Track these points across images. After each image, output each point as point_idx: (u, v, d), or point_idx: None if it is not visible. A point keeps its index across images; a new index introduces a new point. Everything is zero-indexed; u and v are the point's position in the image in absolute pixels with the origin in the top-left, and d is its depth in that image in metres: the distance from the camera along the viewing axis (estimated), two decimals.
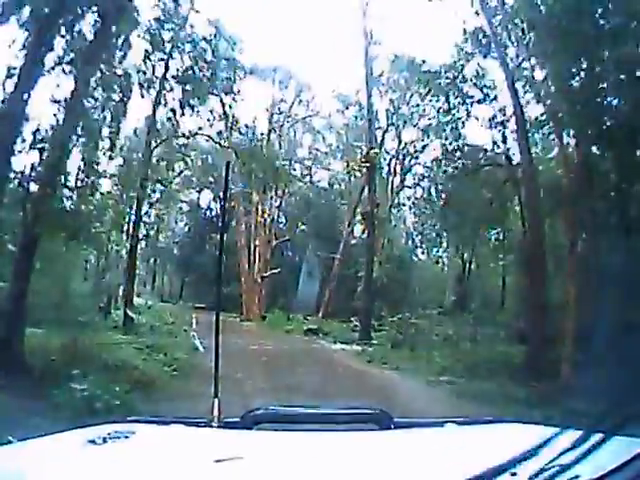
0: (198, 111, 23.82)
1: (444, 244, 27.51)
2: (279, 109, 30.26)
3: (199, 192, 34.93)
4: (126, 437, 1.83)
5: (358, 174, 27.82)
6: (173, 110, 23.39)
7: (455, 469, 1.48)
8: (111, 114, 16.10)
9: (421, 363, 15.54)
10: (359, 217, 26.89)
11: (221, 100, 25.13)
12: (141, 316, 21.73)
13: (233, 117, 26.92)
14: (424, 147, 26.30)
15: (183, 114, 23.69)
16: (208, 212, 34.82)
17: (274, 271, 27.91)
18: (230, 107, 25.77)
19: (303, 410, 2.28)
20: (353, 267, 27.24)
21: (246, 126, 27.30)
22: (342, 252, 27.43)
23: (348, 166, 25.52)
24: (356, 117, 28.26)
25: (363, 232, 28.53)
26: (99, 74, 14.10)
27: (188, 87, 23.05)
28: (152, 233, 35.14)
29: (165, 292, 37.78)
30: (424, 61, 22.88)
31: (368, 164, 22.66)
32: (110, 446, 1.75)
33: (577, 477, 1.33)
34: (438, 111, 22.38)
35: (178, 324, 21.89)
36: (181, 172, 32.42)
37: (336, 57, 37.96)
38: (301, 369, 13.71)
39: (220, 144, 28.74)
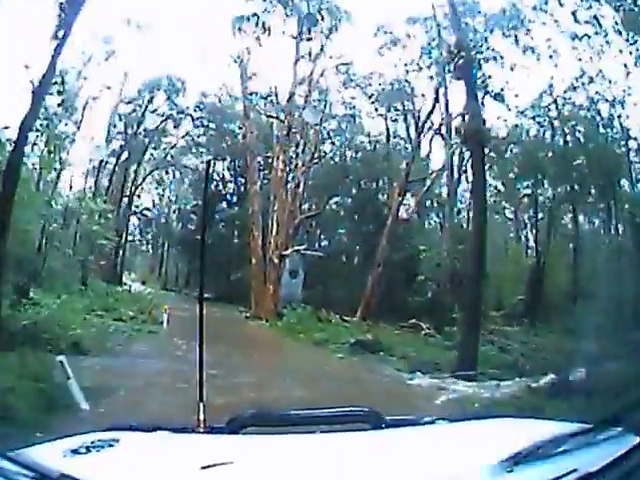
0: None
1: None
2: (309, 54, 23.09)
3: (214, 160, 28.32)
4: (110, 445, 1.74)
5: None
6: None
7: (446, 467, 1.50)
8: None
9: None
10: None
11: None
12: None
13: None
14: None
15: None
16: (220, 184, 28.15)
17: (298, 248, 21.20)
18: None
19: (291, 412, 2.08)
20: (402, 250, 20.56)
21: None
22: (389, 231, 20.56)
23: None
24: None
25: (418, 206, 21.98)
26: None
27: None
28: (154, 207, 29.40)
29: (170, 279, 32.81)
30: None
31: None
32: (94, 455, 1.67)
33: (575, 470, 1.33)
34: None
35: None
36: (187, 134, 26.63)
37: None
38: None
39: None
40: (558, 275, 19.82)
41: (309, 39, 22.53)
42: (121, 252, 27.48)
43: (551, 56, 18.48)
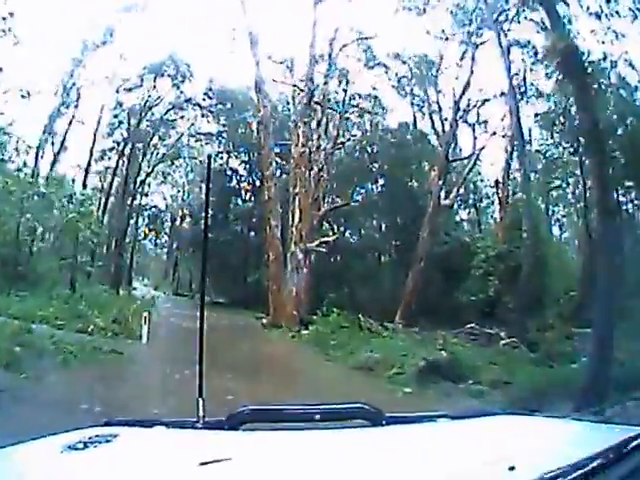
0: None
1: None
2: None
3: (227, 154, 25.70)
4: (108, 441, 1.71)
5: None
6: None
7: (448, 464, 1.49)
8: None
9: None
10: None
11: None
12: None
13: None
14: None
15: None
16: (234, 178, 25.55)
17: (327, 238, 18.45)
18: None
19: (290, 408, 2.06)
20: (446, 241, 17.75)
21: None
22: (430, 220, 17.74)
23: None
24: None
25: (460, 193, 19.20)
26: None
27: None
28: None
29: (183, 283, 30.30)
30: None
31: None
32: (92, 451, 1.65)
33: (577, 467, 1.31)
34: None
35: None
36: (192, 125, 24.06)
37: None
38: None
39: None
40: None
41: None
42: (129, 254, 25.27)
43: None
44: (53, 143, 19.64)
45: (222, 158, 25.36)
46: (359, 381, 10.17)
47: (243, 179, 25.58)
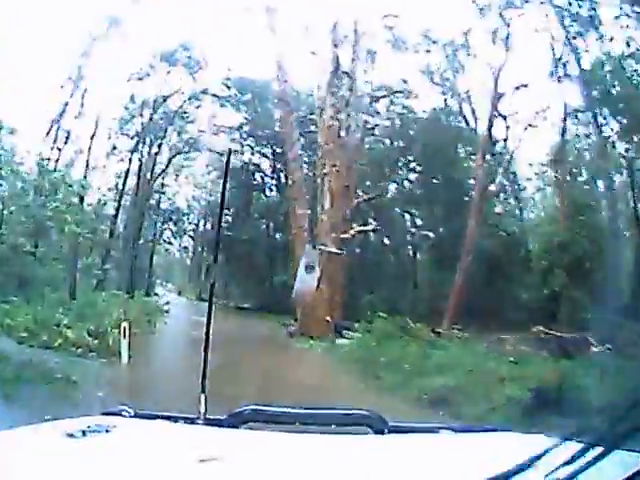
0: None
1: None
2: None
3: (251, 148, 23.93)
4: (107, 431, 1.72)
5: None
6: None
7: (447, 478, 1.49)
8: None
9: None
10: None
11: None
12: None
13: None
14: None
15: None
16: (257, 172, 23.77)
17: (365, 228, 16.39)
18: None
19: (292, 410, 2.05)
20: (496, 233, 15.66)
21: None
22: (477, 209, 15.67)
23: None
24: None
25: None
26: None
27: None
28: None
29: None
30: None
31: None
32: (89, 440, 1.65)
33: None
34: None
35: None
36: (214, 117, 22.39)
37: None
38: None
39: None
40: None
41: None
42: (149, 258, 23.73)
43: None
44: (55, 139, 18.07)
45: (244, 152, 23.70)
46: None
47: (267, 173, 23.81)
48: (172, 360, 9.71)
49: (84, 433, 1.65)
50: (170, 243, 28.32)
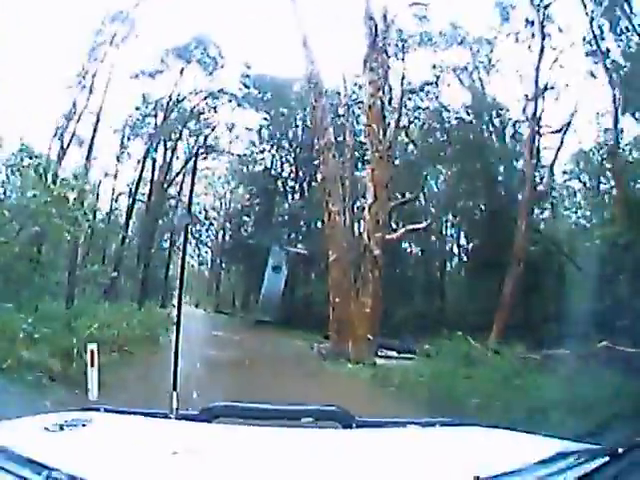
0: None
1: None
2: None
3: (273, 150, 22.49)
4: (83, 425, 1.73)
5: None
6: None
7: (413, 471, 1.49)
8: None
9: None
10: None
11: None
12: None
13: None
14: None
15: None
16: (278, 176, 22.39)
17: (415, 226, 14.61)
18: None
19: (262, 406, 2.07)
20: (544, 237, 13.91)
21: None
22: (524, 214, 13.93)
23: None
24: None
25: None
26: None
27: None
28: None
29: (226, 299, 27.26)
30: None
31: None
32: (66, 434, 1.65)
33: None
34: None
35: None
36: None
37: None
38: None
39: None
40: None
41: None
42: (165, 268, 22.36)
43: None
44: (62, 139, 16.74)
45: (263, 155, 22.28)
46: None
47: (289, 178, 22.29)
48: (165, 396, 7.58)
49: (61, 427, 1.65)
50: (176, 250, 27.06)
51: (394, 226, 15.53)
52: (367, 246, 12.79)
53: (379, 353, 12.30)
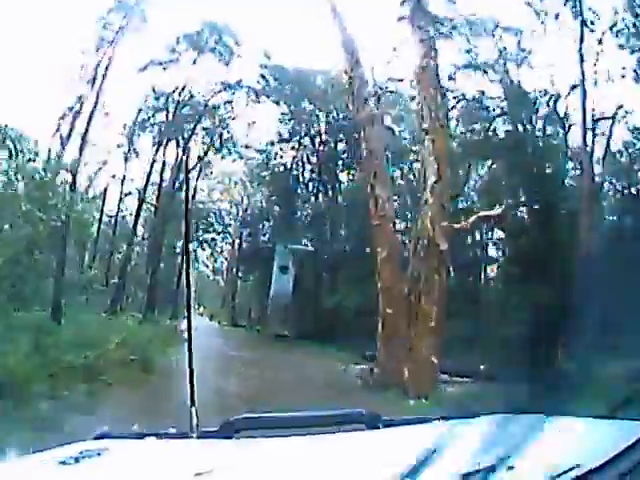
0: None
1: None
2: None
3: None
4: (98, 454, 1.63)
5: None
6: None
7: (445, 465, 1.42)
8: None
9: None
10: None
11: None
12: None
13: None
14: None
15: None
16: (301, 176, 20.62)
17: (490, 212, 10.88)
18: None
19: (285, 415, 2.02)
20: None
21: None
22: (587, 210, 11.94)
23: None
24: None
25: None
26: None
27: None
28: None
29: (242, 312, 25.18)
30: None
31: None
32: (83, 466, 1.55)
33: (578, 466, 1.27)
34: None
35: None
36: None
37: None
38: None
39: None
40: None
41: None
42: (175, 278, 20.62)
43: None
44: (61, 134, 15.06)
45: (283, 152, 20.56)
46: None
47: (311, 178, 20.49)
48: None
49: (77, 460, 1.57)
50: (201, 261, 25.34)
51: None
52: (431, 238, 9.62)
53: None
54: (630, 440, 1.28)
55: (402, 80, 14.42)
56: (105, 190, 19.05)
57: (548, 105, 15.86)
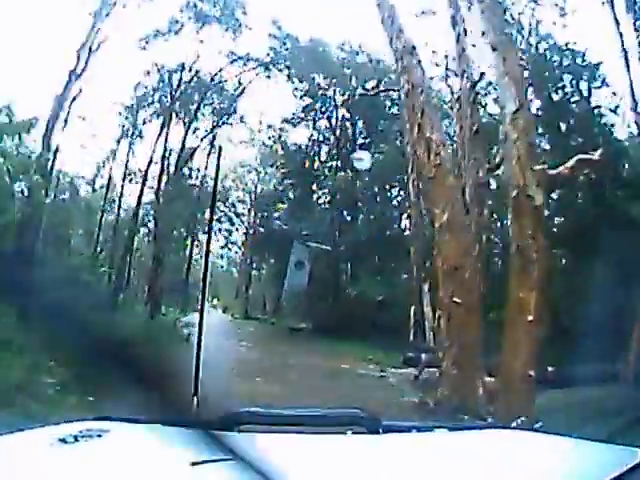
0: None
1: None
2: None
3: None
4: (99, 436, 1.70)
5: None
6: None
7: (444, 477, 1.49)
8: None
9: None
10: None
11: None
12: None
13: None
14: None
15: None
16: (317, 155, 19.49)
17: (589, 156, 6.78)
18: None
19: (286, 411, 2.05)
20: None
21: None
22: None
23: None
24: None
25: None
26: None
27: None
28: None
29: (256, 304, 24.61)
30: None
31: None
32: (82, 445, 1.62)
33: None
34: None
35: None
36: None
37: None
38: None
39: None
40: None
41: None
42: (185, 269, 19.42)
43: None
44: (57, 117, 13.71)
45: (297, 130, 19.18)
46: None
47: (330, 157, 19.26)
48: None
49: (76, 438, 1.62)
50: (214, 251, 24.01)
51: None
52: (522, 188, 6.68)
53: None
54: (623, 467, 1.28)
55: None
56: (110, 178, 17.87)
57: None
